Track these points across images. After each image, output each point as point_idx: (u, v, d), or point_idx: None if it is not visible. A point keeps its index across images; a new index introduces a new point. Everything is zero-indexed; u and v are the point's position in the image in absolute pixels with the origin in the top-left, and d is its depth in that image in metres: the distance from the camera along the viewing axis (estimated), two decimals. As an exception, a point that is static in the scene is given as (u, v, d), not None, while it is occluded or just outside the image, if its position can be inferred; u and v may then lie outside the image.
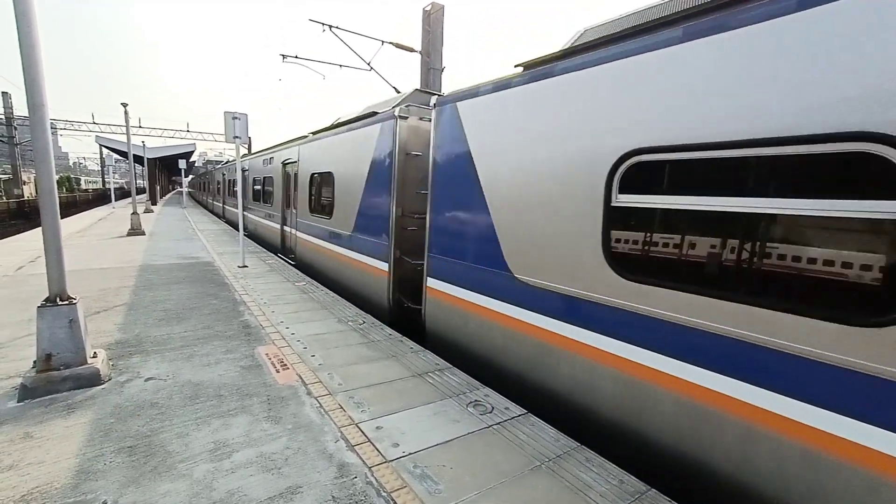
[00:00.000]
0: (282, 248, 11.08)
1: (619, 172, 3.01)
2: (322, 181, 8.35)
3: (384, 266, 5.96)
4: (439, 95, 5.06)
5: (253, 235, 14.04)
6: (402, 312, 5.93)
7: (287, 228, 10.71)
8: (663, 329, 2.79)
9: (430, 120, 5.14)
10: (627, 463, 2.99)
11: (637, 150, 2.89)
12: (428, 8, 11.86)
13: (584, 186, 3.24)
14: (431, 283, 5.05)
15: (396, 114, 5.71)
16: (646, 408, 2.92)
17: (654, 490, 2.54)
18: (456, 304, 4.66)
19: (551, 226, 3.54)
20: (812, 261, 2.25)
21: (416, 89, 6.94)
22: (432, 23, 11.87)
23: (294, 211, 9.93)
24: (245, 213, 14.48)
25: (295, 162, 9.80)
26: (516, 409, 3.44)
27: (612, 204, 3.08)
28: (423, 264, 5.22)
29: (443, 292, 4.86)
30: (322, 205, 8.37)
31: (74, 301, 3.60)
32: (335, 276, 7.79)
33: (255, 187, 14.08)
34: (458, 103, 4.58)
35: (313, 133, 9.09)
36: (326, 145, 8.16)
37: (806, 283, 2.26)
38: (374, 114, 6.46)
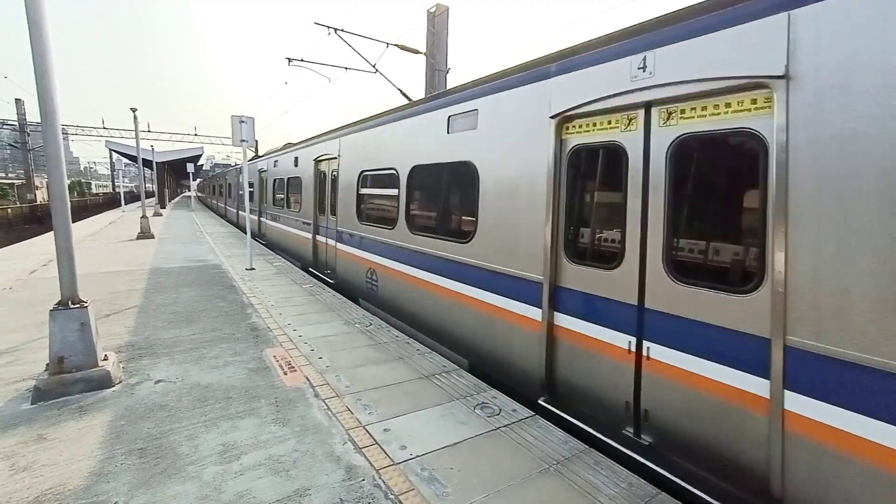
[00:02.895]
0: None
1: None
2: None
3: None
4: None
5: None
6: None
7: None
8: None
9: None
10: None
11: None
12: (432, 10, 11.89)
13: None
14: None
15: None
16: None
17: (663, 493, 2.52)
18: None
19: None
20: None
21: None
22: (437, 24, 11.88)
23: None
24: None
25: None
26: (524, 412, 3.43)
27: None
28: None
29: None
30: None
31: (86, 304, 3.65)
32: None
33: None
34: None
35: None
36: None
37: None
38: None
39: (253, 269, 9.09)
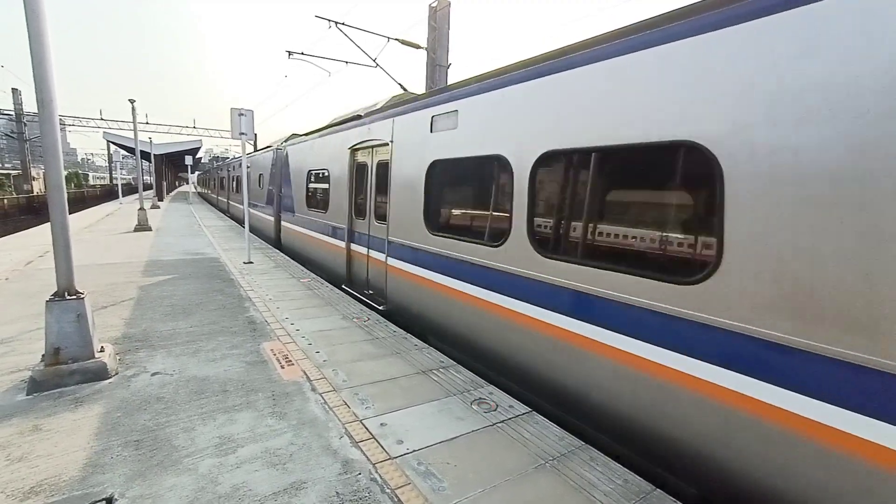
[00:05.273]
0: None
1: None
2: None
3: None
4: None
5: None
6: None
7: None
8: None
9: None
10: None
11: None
12: (434, 4, 11.81)
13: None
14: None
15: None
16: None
17: (659, 490, 2.53)
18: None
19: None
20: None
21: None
22: (438, 19, 11.81)
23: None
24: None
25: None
26: (521, 408, 3.43)
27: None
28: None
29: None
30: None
31: (82, 295, 3.63)
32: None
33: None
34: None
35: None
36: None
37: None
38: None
39: (251, 262, 9.07)
